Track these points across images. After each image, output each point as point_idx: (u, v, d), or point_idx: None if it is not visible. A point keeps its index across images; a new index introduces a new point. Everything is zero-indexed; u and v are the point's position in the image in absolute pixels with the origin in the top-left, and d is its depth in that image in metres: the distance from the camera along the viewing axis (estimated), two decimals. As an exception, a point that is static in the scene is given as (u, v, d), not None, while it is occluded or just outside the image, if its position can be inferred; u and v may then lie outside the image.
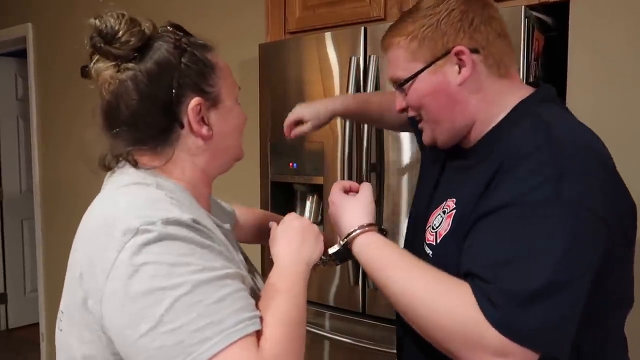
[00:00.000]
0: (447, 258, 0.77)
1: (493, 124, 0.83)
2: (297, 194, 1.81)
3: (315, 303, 1.65)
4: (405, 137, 1.44)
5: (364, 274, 1.52)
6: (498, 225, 0.70)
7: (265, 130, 1.77)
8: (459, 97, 0.82)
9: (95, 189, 0.83)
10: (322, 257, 0.86)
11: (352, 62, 1.49)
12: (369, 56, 1.47)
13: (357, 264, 1.51)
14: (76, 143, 2.98)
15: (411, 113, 0.88)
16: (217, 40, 0.85)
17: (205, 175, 0.83)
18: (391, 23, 0.88)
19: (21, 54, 3.63)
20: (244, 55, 2.13)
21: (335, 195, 0.92)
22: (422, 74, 0.82)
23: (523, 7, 1.26)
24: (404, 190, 1.45)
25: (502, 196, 0.70)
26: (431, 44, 0.81)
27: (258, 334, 0.64)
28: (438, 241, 0.83)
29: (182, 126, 0.75)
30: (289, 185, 1.77)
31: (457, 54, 0.80)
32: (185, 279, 0.60)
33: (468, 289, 0.67)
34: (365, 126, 1.47)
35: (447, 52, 0.80)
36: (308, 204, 1.77)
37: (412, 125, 1.04)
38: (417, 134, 1.05)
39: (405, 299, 0.73)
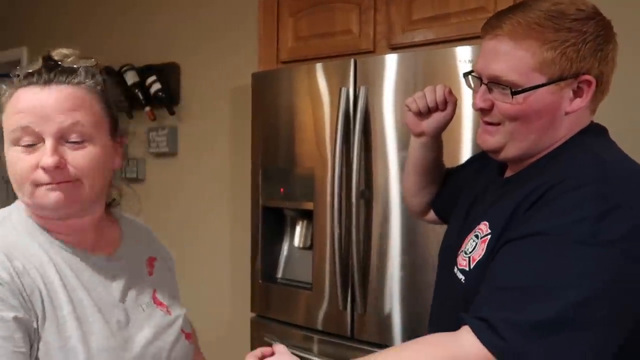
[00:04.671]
0: (479, 284, 0.74)
1: (548, 151, 0.79)
2: (287, 219, 1.84)
3: (304, 327, 1.67)
4: (394, 163, 1.49)
5: (353, 298, 1.55)
6: (525, 251, 0.69)
7: (257, 155, 1.81)
8: (559, 123, 0.77)
9: None
10: None
11: (342, 92, 1.54)
12: (359, 87, 1.53)
13: (345, 287, 1.54)
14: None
15: (493, 118, 0.80)
16: (209, 64, 0.83)
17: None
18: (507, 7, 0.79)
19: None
20: (237, 83, 2.18)
21: None
22: (541, 89, 0.75)
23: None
24: (393, 217, 1.49)
25: (538, 224, 0.69)
26: (567, 64, 0.73)
27: None
28: (471, 266, 0.79)
29: None
30: (279, 210, 1.80)
31: (584, 82, 0.75)
32: None
33: (461, 334, 0.68)
34: (355, 152, 1.51)
35: (575, 77, 0.74)
36: (298, 228, 1.80)
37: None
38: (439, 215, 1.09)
39: None
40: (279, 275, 1.83)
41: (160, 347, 0.83)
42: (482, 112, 0.81)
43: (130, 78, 2.42)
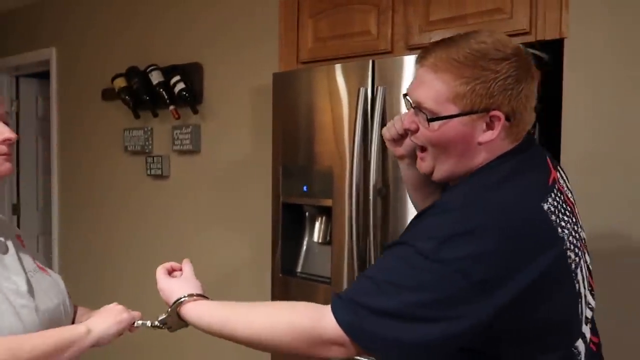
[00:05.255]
0: None
1: (465, 174, 0.89)
2: (306, 215, 1.89)
3: None
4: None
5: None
6: (391, 254, 0.85)
7: (278, 153, 1.86)
8: (473, 151, 0.86)
9: (111, 206, 0.93)
10: (152, 324, 1.00)
11: (361, 92, 1.58)
12: (377, 87, 1.57)
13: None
14: (92, 160, 3.10)
15: (417, 139, 0.90)
16: (231, 64, 0.93)
17: None
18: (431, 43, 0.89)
19: (42, 76, 3.78)
20: (258, 83, 2.24)
21: (161, 281, 1.01)
22: (454, 119, 0.84)
23: (520, 45, 1.35)
24: (409, 213, 1.53)
25: (406, 234, 0.86)
26: (476, 99, 0.82)
27: None
28: None
29: None
30: (299, 207, 1.86)
31: (492, 117, 0.83)
32: None
33: (301, 304, 0.89)
34: (372, 150, 1.55)
35: (486, 111, 0.83)
36: (317, 224, 1.85)
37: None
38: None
39: (254, 333, 0.87)
40: (299, 269, 1.89)
41: (56, 302, 1.01)
42: (411, 132, 0.92)
43: (155, 78, 2.50)
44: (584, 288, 0.88)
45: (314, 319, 0.84)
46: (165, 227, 2.70)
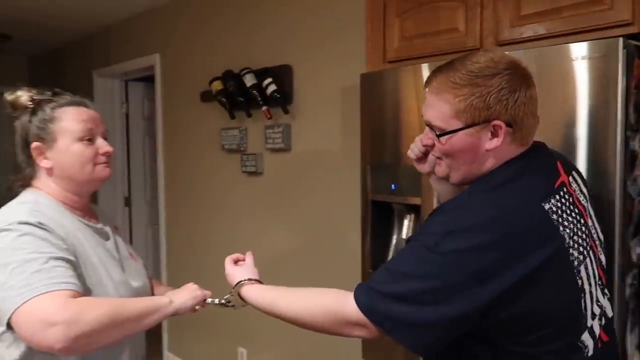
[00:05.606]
0: None
1: (476, 178, 1.00)
2: (395, 213, 1.93)
3: None
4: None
5: None
6: (406, 248, 0.98)
7: (366, 152, 1.91)
8: (482, 158, 0.97)
9: (210, 199, 1.08)
10: (219, 302, 1.25)
11: (448, 92, 1.58)
12: (465, 86, 1.56)
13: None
14: (193, 157, 3.35)
15: (435, 153, 1.04)
16: (319, 65, 1.09)
17: (67, 192, 1.21)
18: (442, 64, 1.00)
19: (147, 79, 4.13)
20: (346, 83, 2.29)
21: (227, 268, 1.26)
22: (460, 132, 0.95)
23: (621, 39, 1.28)
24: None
25: (418, 231, 0.99)
26: (475, 113, 0.94)
27: (76, 295, 1.00)
28: None
29: (33, 161, 1.19)
30: (387, 205, 1.90)
31: (495, 126, 0.94)
32: (18, 259, 1.00)
33: (333, 290, 1.03)
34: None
35: (487, 122, 0.94)
36: (406, 222, 1.89)
37: None
38: None
39: (293, 312, 1.05)
40: (387, 265, 1.93)
41: (137, 284, 1.27)
42: (430, 147, 1.06)
43: (249, 80, 2.64)
44: (590, 285, 0.95)
45: (340, 302, 0.98)
46: (258, 220, 2.86)
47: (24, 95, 1.22)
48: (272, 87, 2.54)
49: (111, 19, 3.88)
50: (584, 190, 1.05)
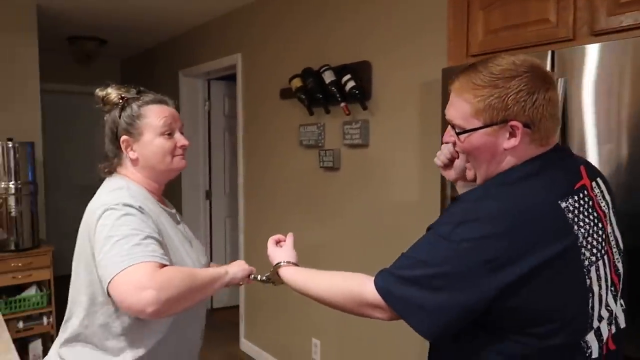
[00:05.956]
0: None
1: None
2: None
3: None
4: (593, 157, 1.44)
5: None
6: (424, 237, 1.03)
7: (447, 148, 1.89)
8: (500, 157, 1.01)
9: (288, 194, 1.12)
10: (260, 278, 1.37)
11: (538, 85, 1.52)
12: (557, 79, 1.50)
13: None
14: (271, 152, 3.45)
15: (457, 149, 1.08)
16: (399, 61, 1.13)
17: (149, 180, 1.36)
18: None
19: (228, 78, 4.31)
20: (426, 78, 2.27)
21: (269, 249, 1.36)
22: (478, 131, 0.99)
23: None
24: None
25: (436, 221, 1.02)
26: (493, 113, 0.97)
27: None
28: None
29: (121, 152, 1.34)
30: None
31: (512, 126, 0.97)
32: (122, 233, 1.14)
33: (360, 274, 1.08)
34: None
35: (505, 122, 0.97)
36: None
37: None
38: None
39: (320, 292, 1.13)
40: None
41: (203, 261, 1.43)
42: (453, 145, 1.09)
43: (328, 77, 2.69)
44: (600, 287, 0.97)
45: (361, 285, 1.04)
46: (335, 215, 2.91)
47: (113, 93, 1.35)
48: (351, 84, 2.56)
49: (195, 21, 4.08)
50: (607, 197, 1.06)
